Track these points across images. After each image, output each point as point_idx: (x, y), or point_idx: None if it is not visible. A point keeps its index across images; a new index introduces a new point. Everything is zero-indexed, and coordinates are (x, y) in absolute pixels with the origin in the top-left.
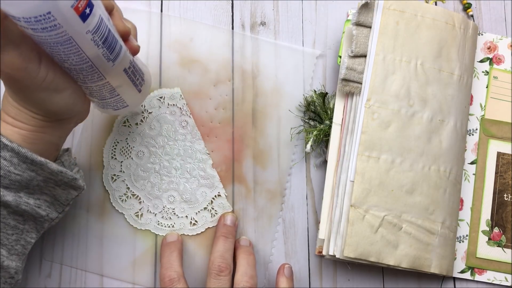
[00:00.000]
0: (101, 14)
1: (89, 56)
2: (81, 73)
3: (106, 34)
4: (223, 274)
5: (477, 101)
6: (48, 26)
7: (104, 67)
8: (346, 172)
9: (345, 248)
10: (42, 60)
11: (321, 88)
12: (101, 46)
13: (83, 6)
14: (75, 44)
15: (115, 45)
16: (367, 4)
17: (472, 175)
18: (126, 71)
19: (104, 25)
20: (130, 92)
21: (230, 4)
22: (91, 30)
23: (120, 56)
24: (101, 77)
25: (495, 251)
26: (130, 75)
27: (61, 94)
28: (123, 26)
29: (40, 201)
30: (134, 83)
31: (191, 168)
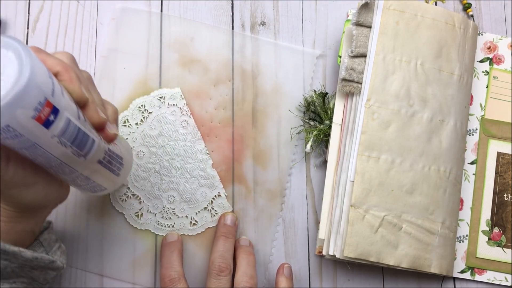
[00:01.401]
0: (69, 116)
1: (57, 156)
2: (51, 168)
3: (75, 134)
4: (223, 274)
5: (477, 101)
6: (9, 136)
7: (75, 162)
8: (346, 172)
9: (345, 248)
10: (11, 159)
11: (321, 88)
12: (69, 146)
13: (46, 114)
14: (41, 148)
15: (86, 141)
16: (367, 4)
17: (472, 175)
18: (100, 161)
19: (72, 125)
20: (107, 178)
21: (230, 4)
22: (56, 134)
23: (92, 150)
24: (73, 170)
25: (495, 251)
26: (105, 164)
27: (32, 189)
28: (97, 118)
29: (17, 283)
30: (111, 169)
31: (191, 168)
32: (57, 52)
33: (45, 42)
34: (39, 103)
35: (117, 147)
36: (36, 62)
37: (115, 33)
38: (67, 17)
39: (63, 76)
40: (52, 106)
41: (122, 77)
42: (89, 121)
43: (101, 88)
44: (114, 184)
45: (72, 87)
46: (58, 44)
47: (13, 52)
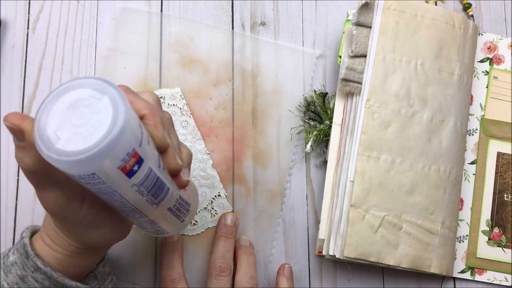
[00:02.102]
0: (151, 165)
1: (132, 203)
2: (122, 212)
3: (154, 183)
4: (223, 274)
5: (477, 101)
6: (92, 182)
7: (147, 209)
8: (346, 172)
9: (345, 248)
10: (85, 198)
11: (321, 88)
12: (146, 194)
13: (131, 165)
14: (119, 194)
15: (161, 190)
16: (367, 4)
17: (472, 175)
18: (170, 209)
19: (153, 175)
20: (172, 223)
21: (230, 4)
22: (137, 183)
23: (166, 198)
24: (143, 216)
25: (495, 251)
26: (174, 211)
27: (100, 230)
28: (174, 165)
29: None
30: (178, 216)
31: (191, 168)
32: (143, 92)
33: (45, 42)
34: (127, 154)
35: (186, 193)
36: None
37: (115, 33)
38: (67, 17)
39: (149, 120)
40: (138, 157)
41: (122, 77)
42: (167, 167)
43: None
44: (177, 229)
45: (156, 133)
46: (58, 44)
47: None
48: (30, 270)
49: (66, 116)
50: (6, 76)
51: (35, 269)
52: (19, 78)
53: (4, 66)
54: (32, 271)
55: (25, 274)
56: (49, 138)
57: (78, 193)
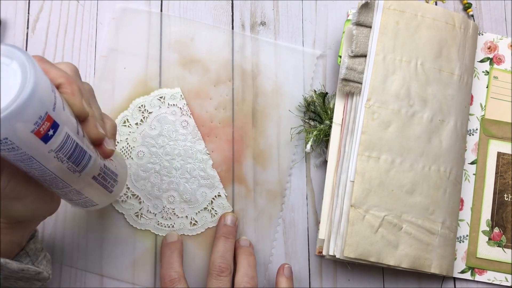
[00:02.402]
0: (68, 131)
1: (52, 171)
2: (44, 182)
3: (72, 149)
4: (223, 274)
5: (477, 101)
6: (6, 148)
7: (70, 177)
8: (346, 172)
9: (345, 248)
10: (4, 169)
11: (321, 88)
12: (65, 161)
13: (46, 129)
14: (36, 161)
15: (82, 157)
16: (367, 4)
17: (472, 175)
18: (95, 178)
19: (71, 141)
20: (99, 194)
21: (230, 4)
22: (54, 149)
23: (88, 166)
24: (67, 185)
25: (495, 251)
26: (99, 180)
27: (23, 201)
28: (96, 134)
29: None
30: (105, 186)
31: (191, 168)
32: (60, 62)
33: (45, 42)
34: (40, 117)
35: (112, 163)
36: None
37: (115, 33)
38: (67, 17)
39: (66, 88)
40: (53, 121)
41: (122, 77)
42: (88, 136)
43: (101, 88)
44: (106, 200)
45: (73, 101)
46: (58, 44)
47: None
48: None
49: None
50: None
51: None
52: None
53: None
54: None
55: None
56: None
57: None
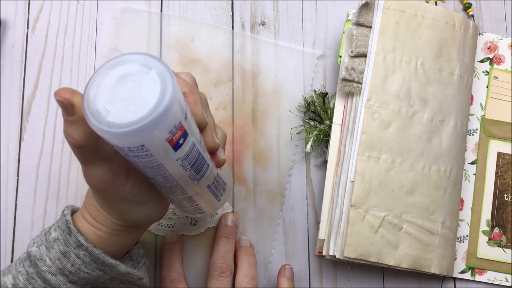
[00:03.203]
0: (194, 140)
1: (175, 178)
2: (164, 188)
3: (196, 158)
4: (224, 275)
5: (478, 101)
6: (140, 155)
7: (188, 185)
8: (346, 172)
9: (345, 248)
10: (130, 175)
11: (321, 88)
12: (188, 169)
13: (178, 137)
14: (163, 168)
15: (202, 166)
16: (367, 4)
17: (472, 175)
18: (209, 186)
19: (195, 149)
20: (209, 202)
21: (230, 4)
22: (181, 157)
23: (206, 175)
24: (184, 192)
25: (495, 251)
26: (212, 189)
27: (143, 207)
28: (212, 143)
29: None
30: (215, 195)
31: None
32: (181, 72)
33: (45, 42)
34: (175, 126)
35: (223, 173)
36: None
37: (115, 33)
38: (67, 17)
39: (189, 98)
40: (184, 130)
41: None
42: (206, 144)
43: None
44: (213, 208)
45: (196, 110)
46: (58, 44)
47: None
48: (72, 246)
49: (115, 90)
50: (6, 76)
51: (77, 245)
52: (19, 78)
53: (4, 66)
54: (74, 247)
55: (67, 250)
56: (99, 111)
57: (123, 169)
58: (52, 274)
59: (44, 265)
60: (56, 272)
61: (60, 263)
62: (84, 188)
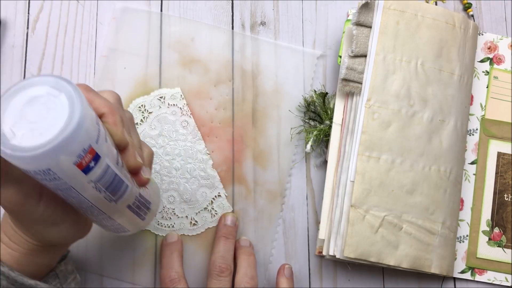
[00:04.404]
0: (108, 162)
1: (89, 199)
2: (80, 208)
3: (111, 180)
4: (223, 274)
5: (478, 101)
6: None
7: (105, 206)
8: (346, 172)
9: (345, 248)
10: (43, 196)
11: (321, 88)
12: (103, 191)
13: (88, 161)
14: (75, 191)
15: (120, 187)
16: (367, 4)
17: (472, 175)
18: (129, 206)
19: (110, 171)
20: (132, 221)
21: (230, 4)
22: (94, 179)
23: (125, 196)
24: (102, 213)
25: (495, 251)
26: (133, 209)
27: (59, 227)
28: (134, 162)
29: None
30: (138, 214)
31: (191, 168)
32: (103, 91)
33: (45, 42)
34: (83, 150)
35: (147, 191)
36: (86, 108)
37: (115, 32)
38: (67, 17)
39: (108, 118)
40: (95, 153)
41: (122, 77)
42: (126, 165)
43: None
44: (138, 227)
45: (115, 131)
46: (58, 44)
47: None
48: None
49: (23, 113)
50: (6, 76)
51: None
52: (19, 78)
53: (4, 66)
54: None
55: None
56: (5, 134)
57: (35, 190)
58: None
59: None
60: None
61: None
62: None
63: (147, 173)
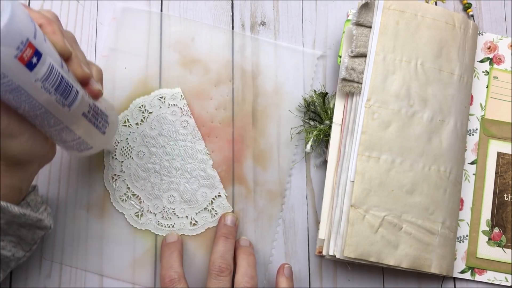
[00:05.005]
0: (52, 62)
1: (41, 103)
2: (36, 118)
3: (59, 81)
4: (223, 274)
5: (477, 101)
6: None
7: (60, 112)
8: (346, 172)
9: (345, 248)
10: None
11: (321, 88)
12: (53, 93)
13: (29, 56)
14: (25, 92)
15: (69, 90)
16: (367, 4)
17: (472, 175)
18: (85, 115)
19: (56, 72)
20: (93, 134)
21: (230, 4)
22: (40, 78)
23: (77, 101)
24: (58, 121)
25: (495, 251)
26: (90, 118)
27: (17, 139)
28: (81, 72)
29: (5, 242)
30: (96, 126)
31: (191, 168)
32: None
33: None
34: (22, 42)
35: (102, 105)
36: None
37: (115, 33)
38: (67, 17)
39: (46, 28)
40: (35, 49)
41: (123, 76)
42: (73, 74)
43: None
44: (100, 142)
45: (55, 39)
46: None
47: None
48: None
49: None
50: None
51: None
52: None
53: None
54: None
55: None
56: None
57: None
58: None
59: None
60: None
61: None
62: None
63: (98, 86)
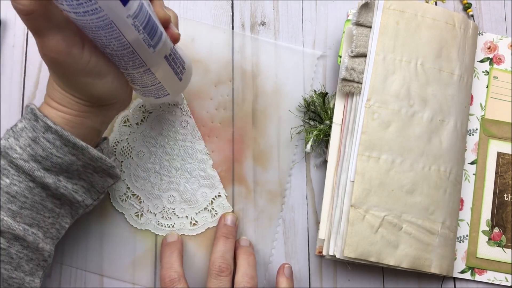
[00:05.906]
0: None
1: (129, 41)
2: (122, 59)
3: (147, 20)
4: (223, 274)
5: (477, 101)
6: (90, 10)
7: (145, 53)
8: (346, 172)
9: (345, 248)
10: (85, 45)
11: (321, 88)
12: (141, 31)
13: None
14: (116, 28)
15: (155, 31)
16: (367, 4)
17: (472, 175)
18: (167, 58)
19: (145, 10)
20: (171, 80)
21: (230, 4)
22: (131, 14)
23: (161, 42)
24: (142, 63)
25: (495, 251)
26: (170, 62)
27: (103, 79)
28: (163, 14)
29: (78, 186)
30: (175, 70)
31: (191, 168)
32: None
33: None
34: None
35: (180, 51)
36: None
37: None
38: None
39: None
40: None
41: None
42: (157, 15)
43: None
44: (177, 89)
45: None
46: None
47: None
48: (41, 131)
49: None
50: (6, 76)
51: (45, 129)
52: (19, 78)
53: (4, 66)
54: (43, 132)
55: (36, 135)
56: None
57: (78, 38)
58: (24, 160)
59: (15, 153)
60: (28, 158)
61: (31, 149)
62: None
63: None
